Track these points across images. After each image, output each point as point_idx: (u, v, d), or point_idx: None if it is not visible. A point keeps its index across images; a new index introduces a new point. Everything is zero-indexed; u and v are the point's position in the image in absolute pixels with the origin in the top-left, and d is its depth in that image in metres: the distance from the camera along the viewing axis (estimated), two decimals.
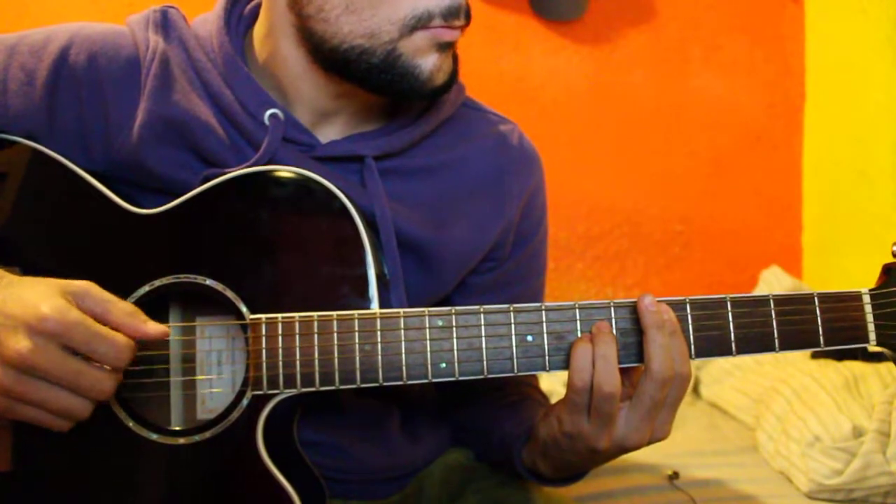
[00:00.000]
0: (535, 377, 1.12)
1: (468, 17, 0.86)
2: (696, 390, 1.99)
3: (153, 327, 0.74)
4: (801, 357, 1.85)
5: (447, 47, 0.86)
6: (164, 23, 0.92)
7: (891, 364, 1.62)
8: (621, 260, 2.30)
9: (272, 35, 0.90)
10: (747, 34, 2.30)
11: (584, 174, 2.26)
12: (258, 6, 0.94)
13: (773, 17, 2.31)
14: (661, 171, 2.30)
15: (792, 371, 1.71)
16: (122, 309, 0.73)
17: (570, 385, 0.79)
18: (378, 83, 0.86)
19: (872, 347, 0.80)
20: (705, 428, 1.79)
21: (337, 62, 0.86)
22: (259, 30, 0.93)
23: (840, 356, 1.73)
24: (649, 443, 0.82)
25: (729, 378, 1.90)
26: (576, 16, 2.20)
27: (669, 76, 2.28)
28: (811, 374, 1.63)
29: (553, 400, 1.17)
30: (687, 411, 1.85)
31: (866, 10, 2.05)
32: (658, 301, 0.80)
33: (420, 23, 0.83)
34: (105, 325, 0.72)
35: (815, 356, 1.80)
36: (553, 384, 1.83)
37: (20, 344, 0.68)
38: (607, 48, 2.24)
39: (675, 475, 1.46)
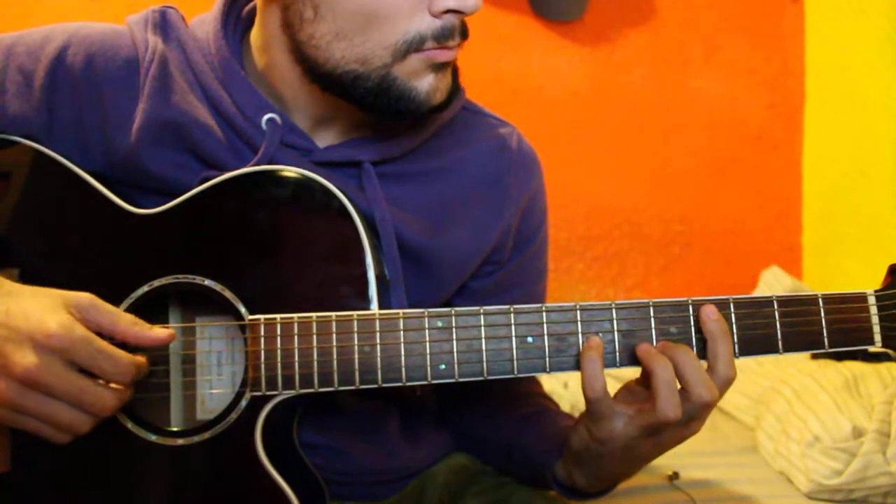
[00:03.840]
0: (539, 383, 1.11)
1: (465, 34, 0.84)
2: None
3: (160, 332, 0.75)
4: (801, 357, 1.84)
5: (443, 67, 0.85)
6: (163, 24, 0.91)
7: (891, 364, 1.62)
8: (621, 260, 2.30)
9: (269, 49, 0.89)
10: (747, 34, 2.30)
11: (584, 174, 2.26)
12: (255, 9, 0.93)
13: (773, 17, 2.31)
14: (661, 171, 2.30)
15: (792, 371, 1.70)
16: (127, 319, 0.74)
17: (585, 397, 0.78)
18: (374, 106, 0.85)
19: (874, 349, 0.79)
20: (705, 428, 1.74)
21: (332, 85, 0.85)
22: (256, 39, 0.92)
23: (840, 356, 1.73)
24: (682, 441, 0.82)
25: None
26: (576, 16, 2.19)
27: (669, 76, 2.28)
28: (811, 375, 1.62)
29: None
30: None
31: (866, 10, 2.05)
32: (713, 306, 0.79)
33: (412, 46, 0.81)
34: (112, 335, 0.73)
35: (815, 356, 1.80)
36: (554, 385, 1.83)
37: (26, 359, 0.68)
38: (607, 48, 2.24)
39: (675, 475, 1.46)
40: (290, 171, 0.83)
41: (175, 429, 0.83)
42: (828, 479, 1.42)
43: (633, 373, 0.85)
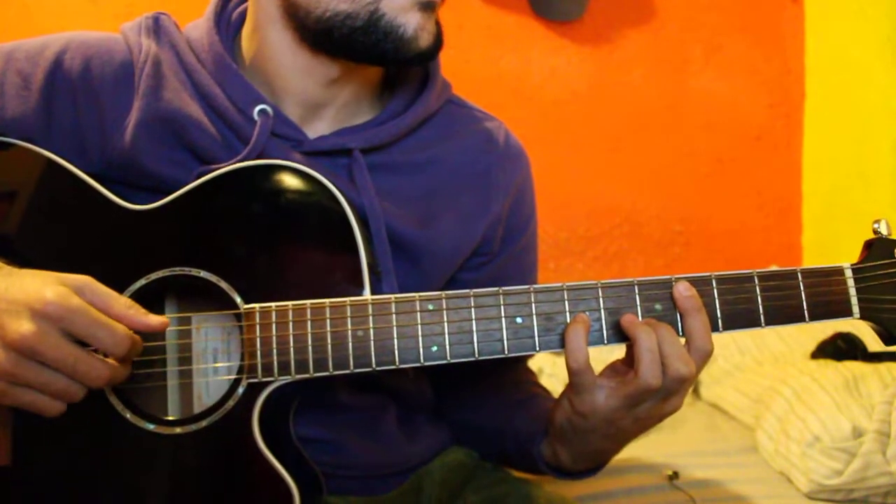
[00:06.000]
0: (531, 371, 1.12)
1: None
2: (696, 391, 1.98)
3: (154, 318, 0.75)
4: (800, 357, 1.84)
5: (429, 7, 0.88)
6: (156, 28, 0.94)
7: (891, 364, 1.62)
8: (621, 260, 2.30)
9: (259, 27, 0.92)
10: (747, 34, 2.31)
11: (584, 174, 2.27)
12: (245, 11, 0.97)
13: (773, 17, 2.32)
14: (661, 171, 2.30)
15: (792, 371, 1.70)
16: (122, 302, 0.74)
17: (568, 369, 0.80)
18: (363, 47, 0.87)
19: (868, 342, 0.80)
20: (705, 428, 1.78)
21: (322, 33, 0.87)
22: (247, 28, 0.95)
23: (840, 356, 1.73)
24: (662, 419, 0.84)
25: (729, 378, 1.90)
26: (576, 16, 2.20)
27: (669, 76, 2.28)
28: (811, 375, 1.62)
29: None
30: (687, 411, 1.85)
31: (866, 10, 2.05)
32: (687, 282, 0.81)
33: None
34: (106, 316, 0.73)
35: (814, 356, 1.80)
36: (554, 385, 1.83)
37: (23, 327, 0.68)
38: (607, 48, 2.25)
39: (675, 475, 1.45)
40: (283, 165, 0.84)
41: (172, 418, 0.83)
42: (828, 479, 1.41)
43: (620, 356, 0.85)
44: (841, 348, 1.74)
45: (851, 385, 1.58)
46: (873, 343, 1.70)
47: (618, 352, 0.84)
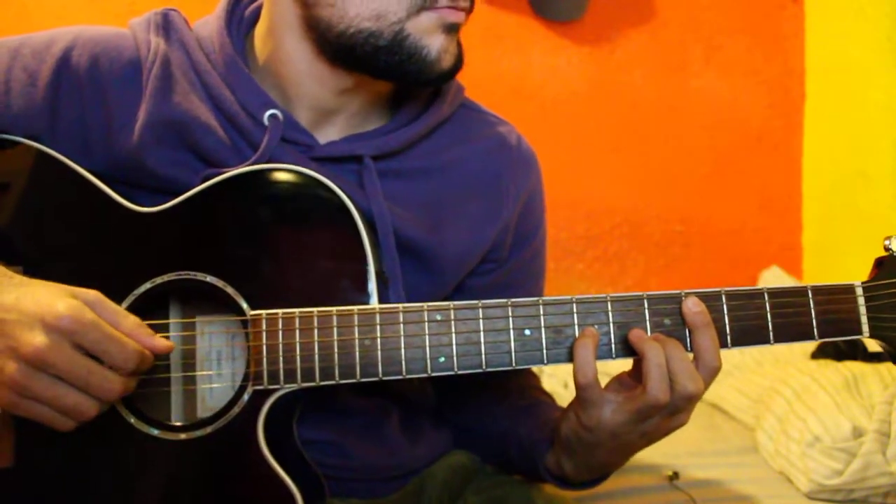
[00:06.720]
0: (536, 377, 1.12)
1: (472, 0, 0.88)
2: None
3: (160, 342, 0.76)
4: (800, 357, 1.84)
5: (453, 29, 0.87)
6: (166, 25, 0.93)
7: (891, 364, 1.62)
8: (621, 260, 2.30)
9: (275, 32, 0.91)
10: (747, 34, 2.31)
11: (584, 174, 2.27)
12: (258, 9, 0.95)
13: (773, 17, 2.32)
14: (660, 172, 2.30)
15: (792, 371, 1.70)
16: (131, 320, 0.75)
17: (575, 383, 0.80)
18: (386, 66, 0.86)
19: (868, 342, 0.80)
20: (705, 428, 1.78)
21: (343, 48, 0.87)
22: (261, 28, 0.93)
23: (840, 356, 1.73)
24: (668, 433, 0.83)
25: (729, 378, 1.90)
26: (576, 16, 2.20)
27: (669, 76, 2.28)
28: (811, 375, 1.62)
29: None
30: None
31: (866, 10, 2.05)
32: (696, 298, 0.81)
33: (426, 2, 0.84)
34: None
35: (814, 356, 1.80)
36: (554, 385, 1.83)
37: (36, 339, 0.69)
38: (607, 48, 2.25)
39: (675, 475, 1.46)
40: (291, 169, 0.84)
41: (177, 423, 0.83)
42: (828, 479, 1.42)
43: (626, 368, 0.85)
44: (841, 348, 1.75)
45: (851, 385, 1.58)
46: (873, 344, 1.70)
47: (614, 362, 0.84)
